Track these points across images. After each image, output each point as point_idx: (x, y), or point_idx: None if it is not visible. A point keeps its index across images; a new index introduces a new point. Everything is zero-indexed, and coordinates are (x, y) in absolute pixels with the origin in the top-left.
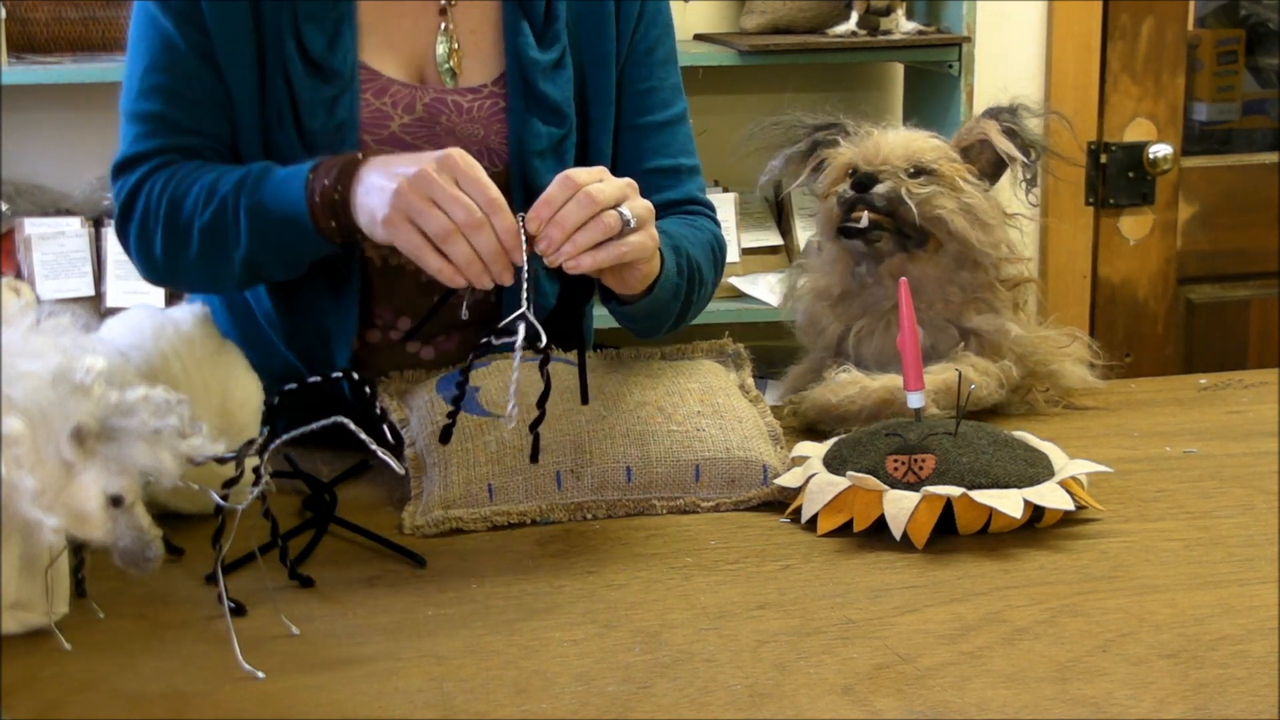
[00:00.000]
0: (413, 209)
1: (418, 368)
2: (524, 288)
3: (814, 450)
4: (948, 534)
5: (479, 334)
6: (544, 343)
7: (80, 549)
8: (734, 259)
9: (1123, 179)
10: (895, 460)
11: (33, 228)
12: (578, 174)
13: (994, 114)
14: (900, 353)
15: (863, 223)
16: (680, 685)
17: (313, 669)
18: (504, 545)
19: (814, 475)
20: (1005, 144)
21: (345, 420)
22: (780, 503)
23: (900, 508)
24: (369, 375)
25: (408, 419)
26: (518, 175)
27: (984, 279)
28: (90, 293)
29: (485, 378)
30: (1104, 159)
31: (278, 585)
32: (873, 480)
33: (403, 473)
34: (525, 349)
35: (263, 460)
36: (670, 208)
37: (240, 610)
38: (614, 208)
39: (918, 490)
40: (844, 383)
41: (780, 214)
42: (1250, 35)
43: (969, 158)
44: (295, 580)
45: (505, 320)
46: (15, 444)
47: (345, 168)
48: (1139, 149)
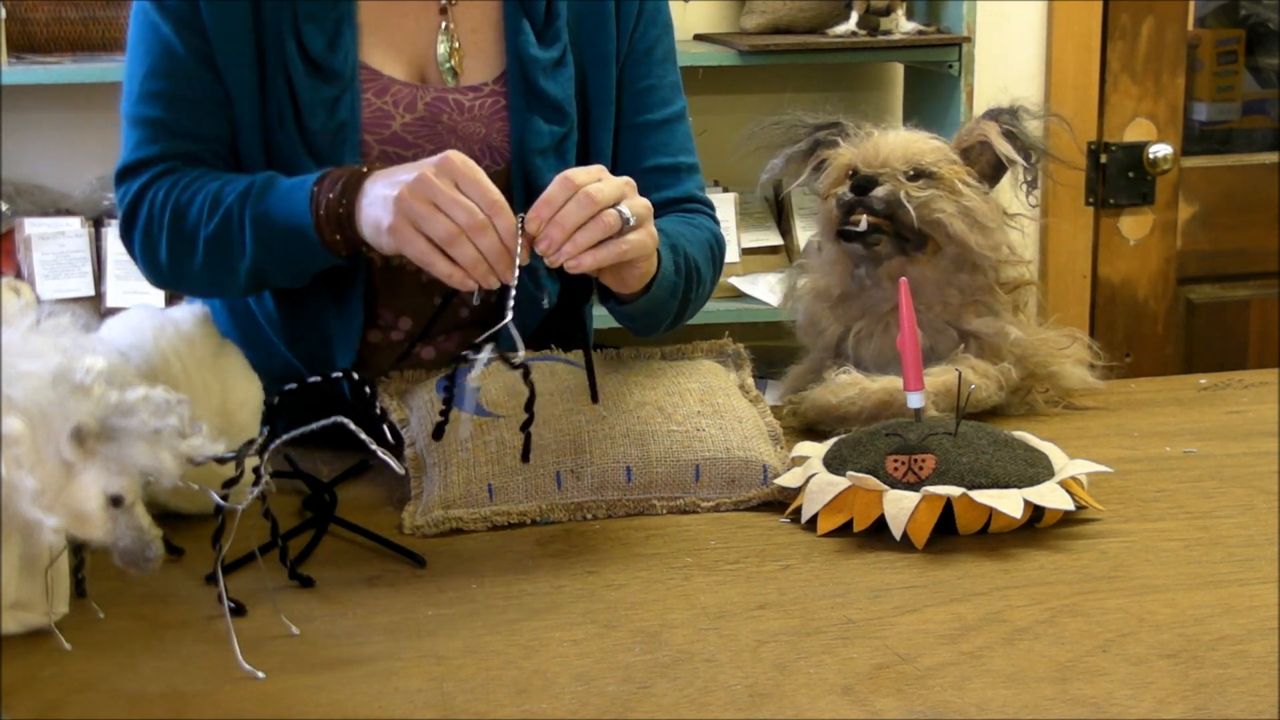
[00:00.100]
0: (416, 214)
1: (418, 368)
2: (510, 298)
3: (814, 450)
4: (948, 534)
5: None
6: (520, 356)
7: (80, 549)
8: (734, 259)
9: (1123, 179)
10: (895, 460)
11: (33, 228)
12: (576, 174)
13: (994, 115)
14: (900, 353)
15: (861, 226)
16: (680, 685)
17: (313, 669)
18: (504, 545)
19: (814, 475)
20: (1005, 147)
21: (345, 420)
22: (780, 503)
23: (900, 508)
24: (369, 375)
25: (408, 419)
26: (519, 174)
27: (983, 281)
28: (90, 293)
29: (485, 378)
30: (1104, 159)
31: (278, 585)
32: (873, 480)
33: (403, 473)
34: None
35: (263, 460)
36: (669, 206)
37: (240, 610)
38: (613, 206)
39: (918, 490)
40: (844, 384)
41: (780, 214)
42: (1250, 35)
43: (969, 159)
44: (295, 580)
45: (487, 333)
46: (15, 444)
47: (350, 180)
48: (1139, 149)
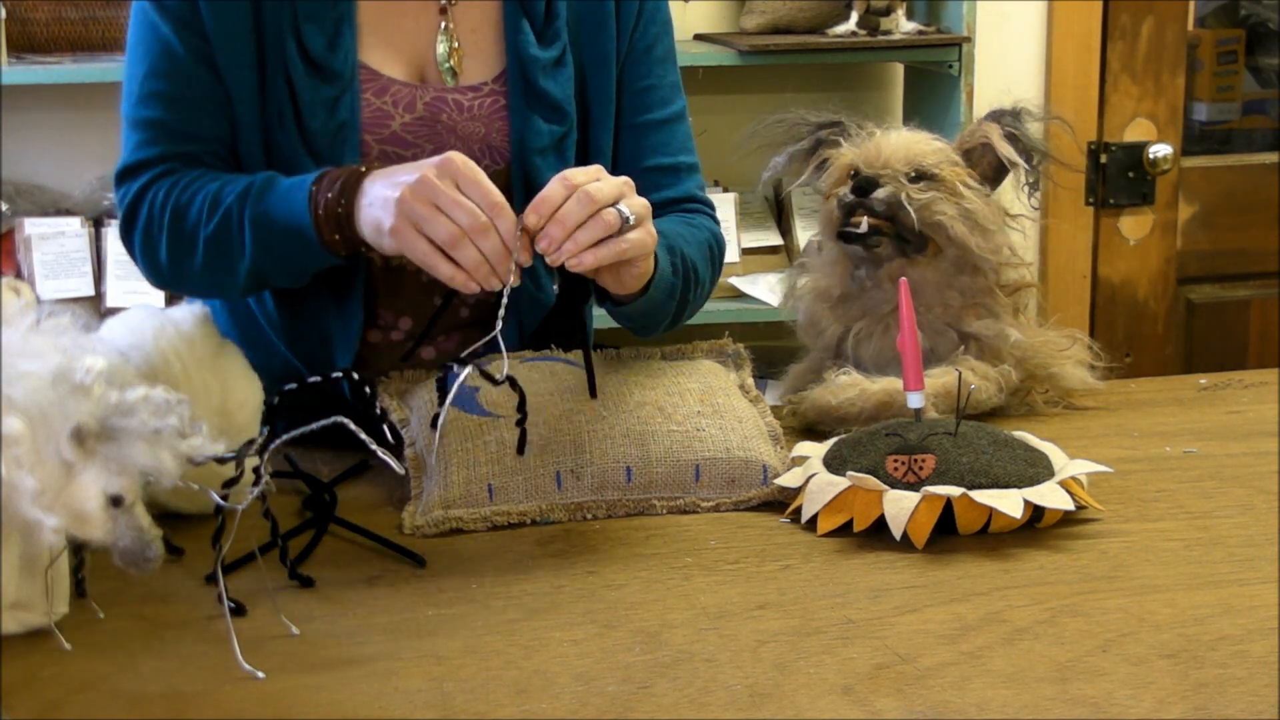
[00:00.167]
0: (418, 216)
1: (418, 368)
2: (503, 302)
3: (814, 450)
4: (948, 534)
5: (480, 334)
6: (504, 374)
7: (80, 549)
8: (734, 259)
9: (1123, 179)
10: (895, 460)
11: (33, 228)
12: (575, 174)
13: (996, 117)
14: (900, 353)
15: (862, 228)
16: (680, 685)
17: (313, 669)
18: (504, 545)
19: (814, 475)
20: (1007, 149)
21: (345, 420)
22: (780, 503)
23: (900, 508)
24: (369, 375)
25: (408, 419)
26: (519, 173)
27: (983, 284)
28: (90, 293)
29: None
30: (1104, 159)
31: (278, 585)
32: (873, 480)
33: (403, 473)
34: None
35: (263, 460)
36: (669, 206)
37: (240, 610)
38: (613, 206)
39: (918, 490)
40: (843, 385)
41: (780, 214)
42: (1250, 35)
43: (971, 161)
44: (295, 580)
45: (474, 346)
46: (15, 444)
47: (348, 180)
48: (1139, 149)
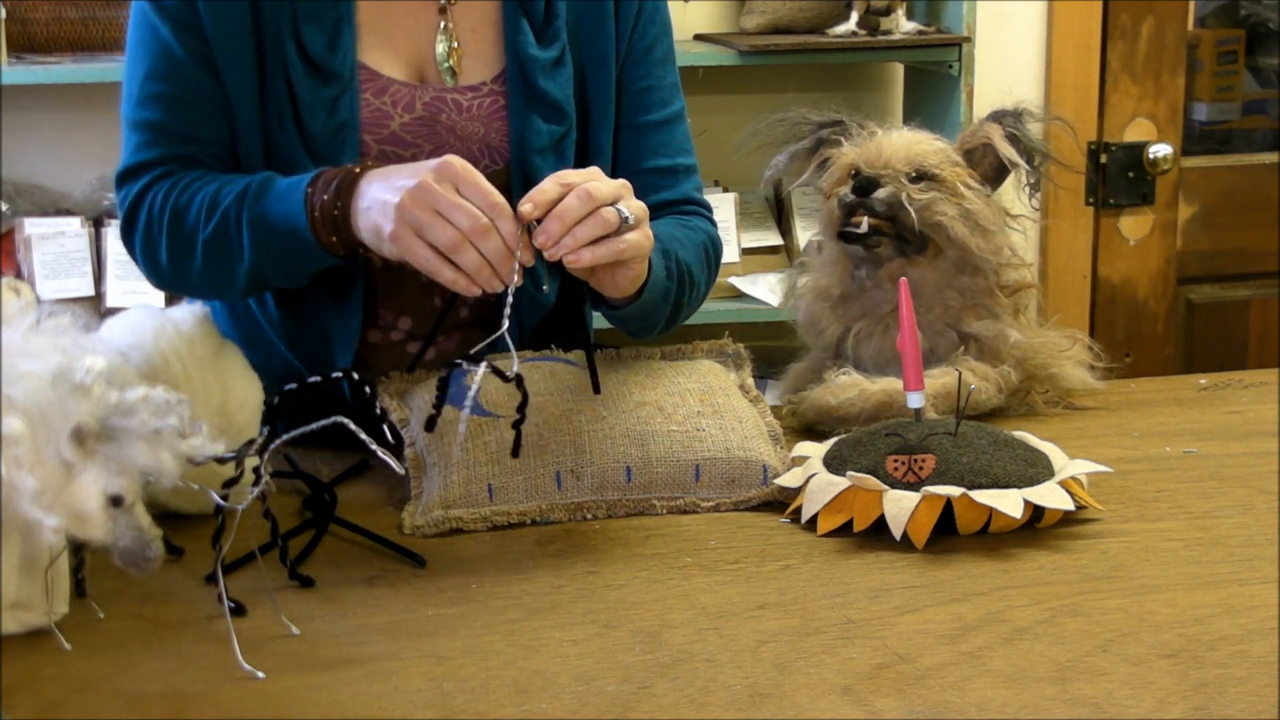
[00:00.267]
0: (418, 222)
1: (419, 368)
2: (507, 302)
3: (814, 450)
4: (948, 534)
5: (481, 333)
6: (515, 366)
7: (80, 549)
8: (734, 259)
9: (1123, 179)
10: (895, 460)
11: (33, 228)
12: (569, 174)
13: (997, 117)
14: (900, 353)
15: (862, 228)
16: (680, 685)
17: (313, 669)
18: (504, 545)
19: (814, 475)
20: (1008, 150)
21: (345, 420)
22: (780, 503)
23: (900, 508)
24: (369, 375)
25: (408, 419)
26: (518, 173)
27: (984, 284)
28: (90, 293)
29: (486, 378)
30: (1104, 159)
31: (278, 585)
32: (873, 480)
33: (403, 473)
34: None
35: (263, 460)
36: (666, 207)
37: (240, 610)
38: (611, 205)
39: (918, 490)
40: (843, 385)
41: (780, 214)
42: (1250, 35)
43: (972, 161)
44: (295, 580)
45: (483, 343)
46: (15, 444)
47: (344, 181)
48: (1139, 149)
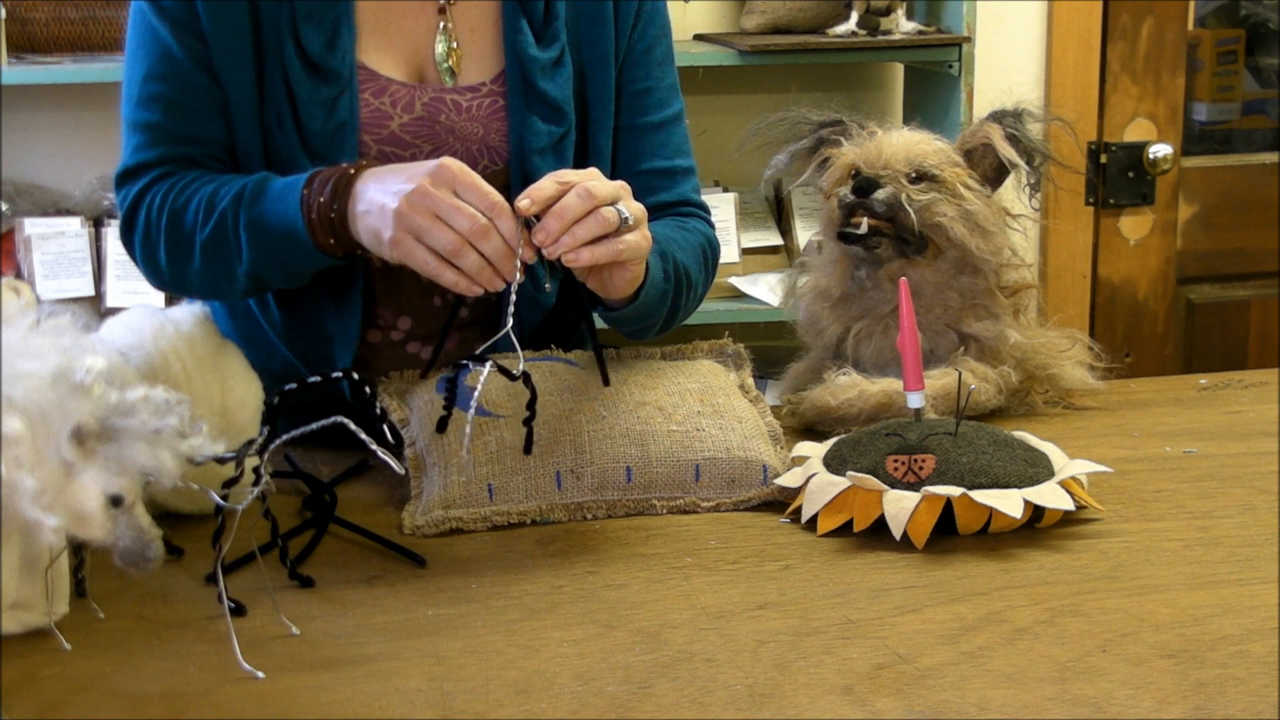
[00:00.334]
0: (418, 228)
1: (417, 367)
2: (510, 301)
3: (814, 450)
4: (948, 534)
5: (480, 333)
6: (520, 365)
7: (80, 549)
8: (734, 259)
9: (1123, 179)
10: (895, 460)
11: (33, 228)
12: (568, 174)
13: (998, 118)
14: (900, 353)
15: (862, 229)
16: (680, 685)
17: (313, 669)
18: (504, 545)
19: (814, 475)
20: (1008, 150)
21: (345, 420)
22: (780, 503)
23: (900, 508)
24: (369, 375)
25: (408, 419)
26: (518, 173)
27: (983, 285)
28: (90, 293)
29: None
30: (1104, 159)
31: (278, 585)
32: (873, 480)
33: (403, 473)
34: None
35: (263, 460)
36: (664, 209)
37: (240, 610)
38: (611, 205)
39: (918, 490)
40: (843, 385)
41: (780, 214)
42: (1250, 35)
43: (972, 161)
44: (295, 580)
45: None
46: (15, 444)
47: (339, 183)
48: (1139, 149)
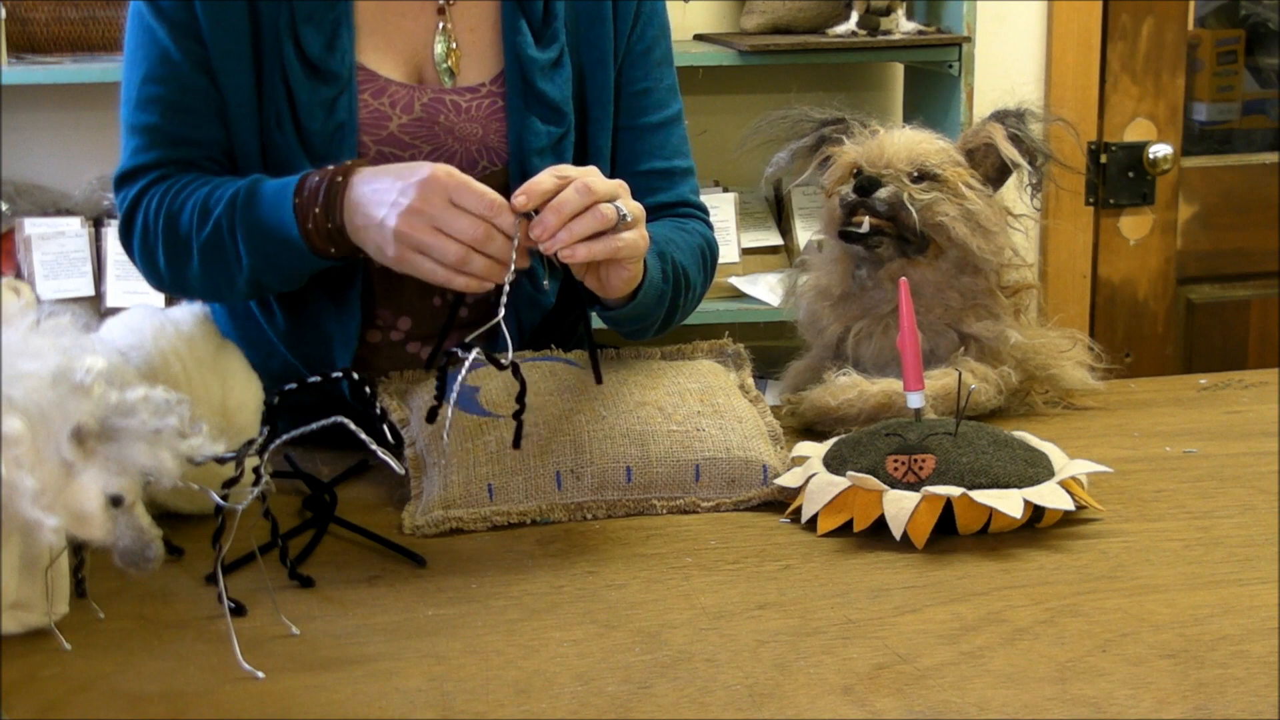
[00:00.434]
0: (420, 244)
1: (417, 367)
2: (503, 295)
3: (814, 450)
4: (948, 534)
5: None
6: (509, 355)
7: (80, 549)
8: (734, 259)
9: (1123, 179)
10: (895, 460)
11: (33, 228)
12: (568, 169)
13: (1000, 118)
14: (900, 353)
15: (864, 228)
16: (680, 685)
17: (313, 669)
18: (504, 545)
19: (814, 475)
20: (1010, 150)
21: (345, 420)
22: (780, 503)
23: (900, 508)
24: (369, 375)
25: (408, 419)
26: (517, 174)
27: (984, 285)
28: (90, 293)
29: (485, 378)
30: (1104, 159)
31: (278, 585)
32: (873, 480)
33: (403, 473)
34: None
35: (263, 460)
36: (663, 210)
37: (240, 610)
38: (610, 202)
39: (918, 490)
40: (843, 385)
41: (780, 214)
42: (1250, 35)
43: (974, 161)
44: (295, 580)
45: (477, 331)
46: (15, 444)
47: (330, 193)
48: (1139, 149)
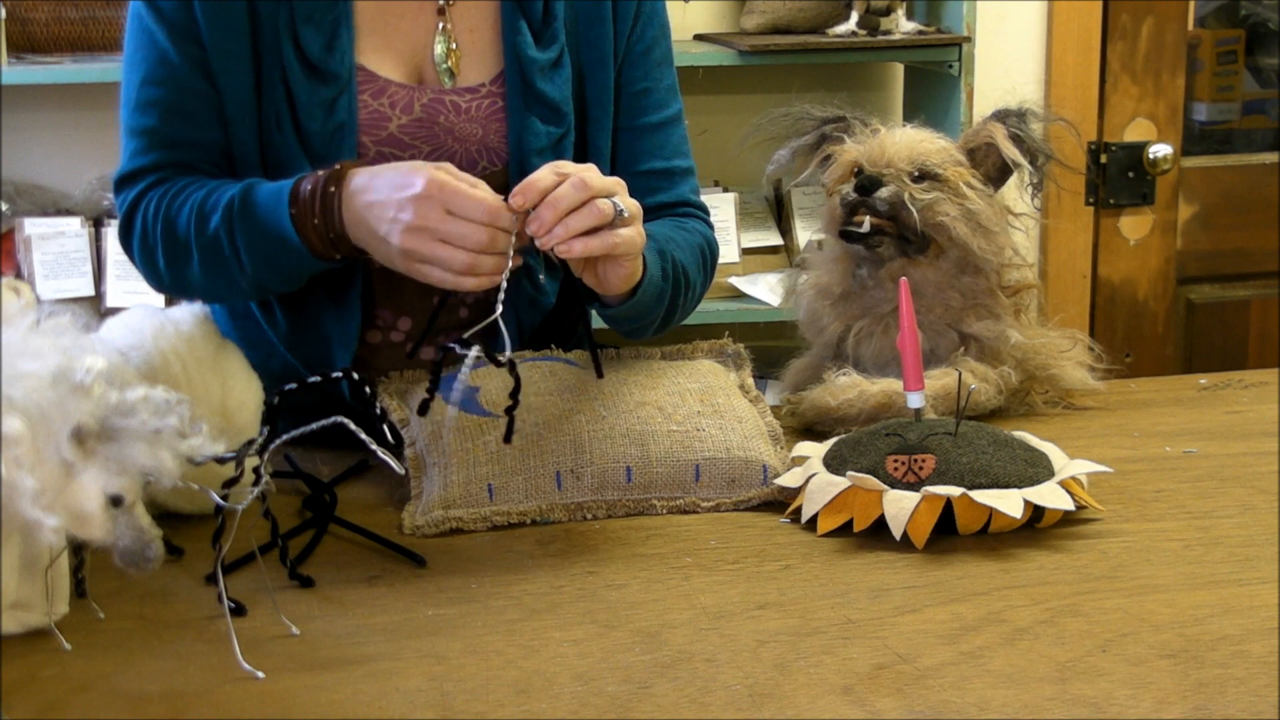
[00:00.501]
0: (427, 257)
1: (418, 368)
2: (500, 291)
3: (814, 450)
4: (948, 534)
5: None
6: (507, 353)
7: (80, 549)
8: (734, 259)
9: (1123, 179)
10: (895, 460)
11: (33, 228)
12: (566, 165)
13: (1002, 117)
14: (900, 353)
15: (864, 227)
16: (680, 685)
17: (313, 669)
18: (504, 545)
19: (814, 475)
20: (1011, 150)
21: (345, 420)
22: (780, 503)
23: (900, 508)
24: (369, 375)
25: (408, 419)
26: (517, 174)
27: (985, 285)
28: (90, 293)
29: (485, 378)
30: (1104, 159)
31: (278, 585)
32: (873, 480)
33: (403, 473)
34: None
35: (263, 460)
36: (663, 209)
37: (240, 610)
38: (607, 198)
39: (918, 490)
40: (843, 385)
41: (780, 214)
42: (1250, 35)
43: (975, 160)
44: (295, 580)
45: (475, 328)
46: (15, 444)
47: (325, 205)
48: (1139, 149)
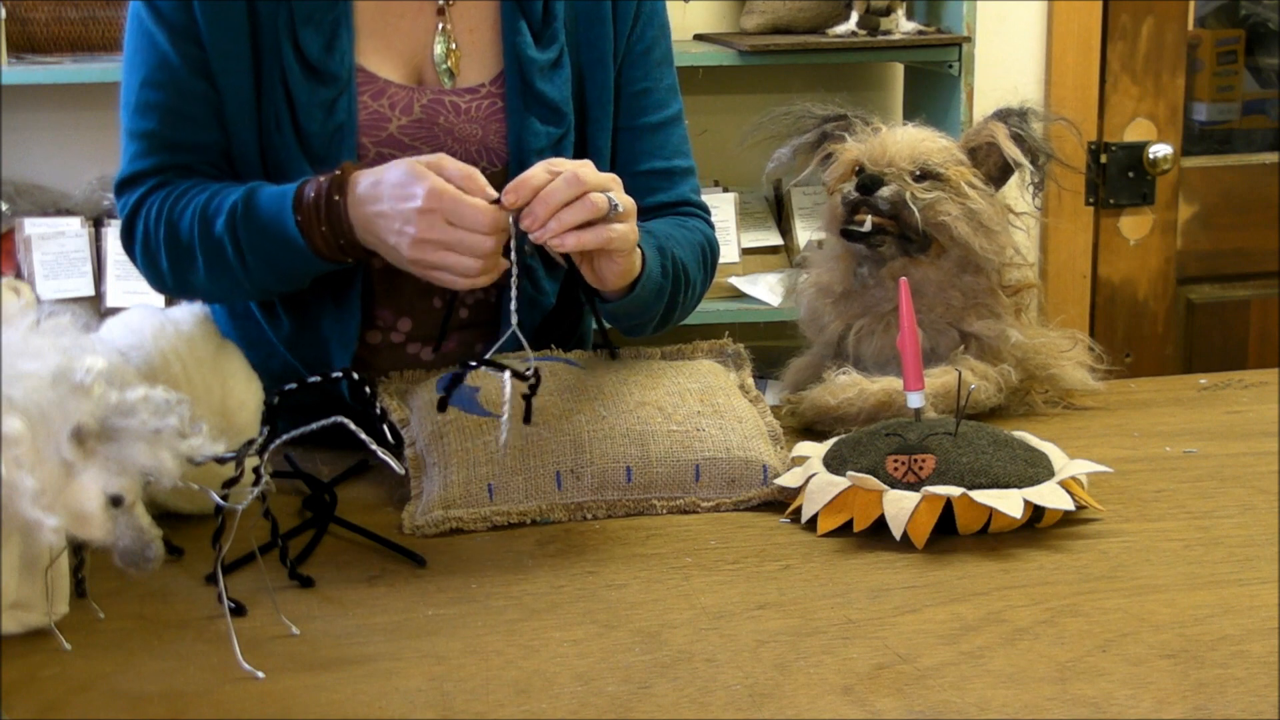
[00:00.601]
0: (437, 264)
1: (418, 368)
2: (513, 302)
3: (814, 450)
4: (948, 534)
5: (480, 334)
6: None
7: (80, 549)
8: (734, 259)
9: (1123, 179)
10: (895, 460)
11: (33, 228)
12: (560, 161)
13: (1003, 117)
14: (900, 353)
15: (866, 226)
16: (680, 685)
17: (313, 669)
18: (504, 545)
19: (814, 475)
20: (1013, 150)
21: (345, 420)
22: (780, 503)
23: (900, 508)
24: (369, 375)
25: (408, 419)
26: (517, 174)
27: (985, 284)
28: (90, 293)
29: (485, 378)
30: (1104, 159)
31: (278, 585)
32: (873, 480)
33: (403, 473)
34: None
35: (263, 460)
36: (663, 209)
37: (240, 610)
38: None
39: (918, 490)
40: (843, 385)
41: (780, 214)
42: (1250, 35)
43: (976, 160)
44: (295, 580)
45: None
46: (15, 444)
47: (330, 212)
48: (1139, 149)
